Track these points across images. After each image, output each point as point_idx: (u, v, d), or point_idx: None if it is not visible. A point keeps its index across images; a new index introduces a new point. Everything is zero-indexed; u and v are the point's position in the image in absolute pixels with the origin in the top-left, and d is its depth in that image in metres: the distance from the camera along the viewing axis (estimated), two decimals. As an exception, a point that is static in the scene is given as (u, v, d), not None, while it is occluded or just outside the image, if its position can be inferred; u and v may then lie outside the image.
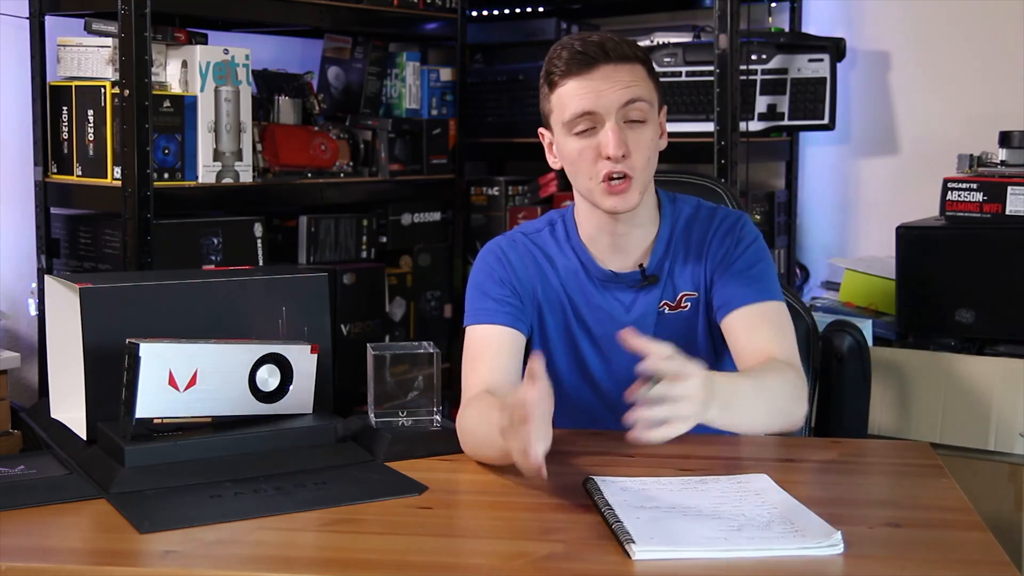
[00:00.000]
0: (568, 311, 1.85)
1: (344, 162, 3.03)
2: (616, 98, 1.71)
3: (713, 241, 1.84)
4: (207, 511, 1.46)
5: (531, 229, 1.92)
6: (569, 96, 1.72)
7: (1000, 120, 2.86)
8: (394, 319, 3.22)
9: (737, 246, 1.83)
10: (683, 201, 1.89)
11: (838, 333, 2.08)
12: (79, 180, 2.61)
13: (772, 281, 1.82)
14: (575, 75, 1.72)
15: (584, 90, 1.71)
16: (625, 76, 1.72)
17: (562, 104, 1.74)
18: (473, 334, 1.82)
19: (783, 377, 1.70)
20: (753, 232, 1.86)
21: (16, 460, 1.66)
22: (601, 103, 1.71)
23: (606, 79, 1.71)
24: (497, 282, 1.84)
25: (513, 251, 1.88)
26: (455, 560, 1.35)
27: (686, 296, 1.84)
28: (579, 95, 1.71)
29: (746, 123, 2.97)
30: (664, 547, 1.31)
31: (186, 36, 2.64)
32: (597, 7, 3.58)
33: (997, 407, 2.56)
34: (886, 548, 1.35)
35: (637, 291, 1.84)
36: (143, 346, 1.58)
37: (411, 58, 3.32)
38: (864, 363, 2.09)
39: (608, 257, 1.84)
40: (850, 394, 2.07)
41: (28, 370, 2.75)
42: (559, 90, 1.74)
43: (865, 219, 3.32)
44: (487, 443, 1.59)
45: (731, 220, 1.86)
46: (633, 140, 1.73)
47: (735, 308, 1.79)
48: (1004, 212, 2.62)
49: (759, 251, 1.84)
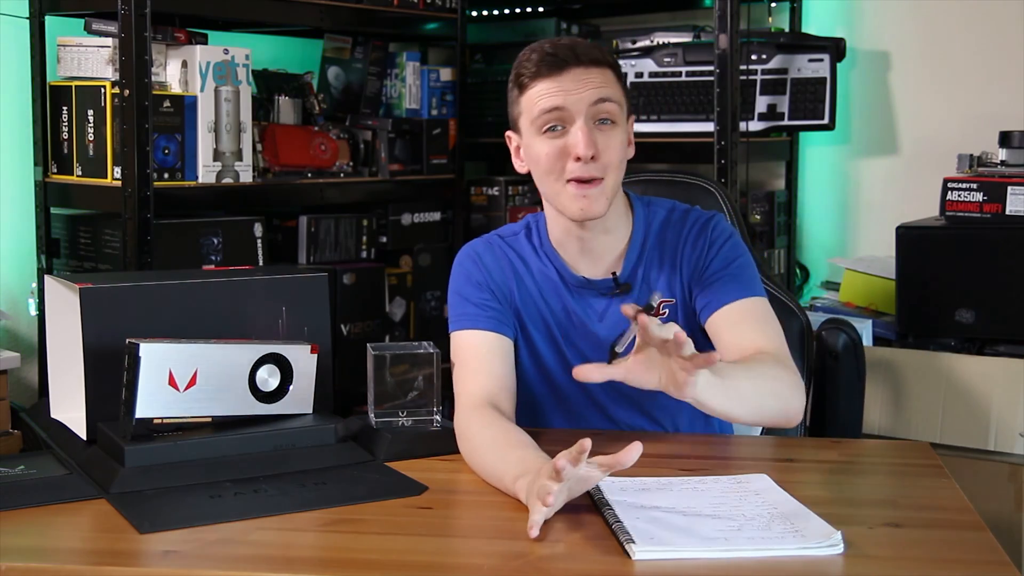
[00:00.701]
0: (547, 316, 1.84)
1: (344, 162, 3.03)
2: (586, 96, 1.70)
3: (686, 246, 1.82)
4: (207, 511, 1.46)
5: (508, 232, 1.91)
6: (538, 95, 1.72)
7: (1000, 120, 2.86)
8: (394, 319, 3.22)
9: (711, 248, 1.81)
10: (657, 205, 1.87)
11: (832, 331, 2.08)
12: (79, 180, 2.61)
13: (751, 277, 1.80)
14: (545, 76, 1.71)
15: (554, 89, 1.71)
16: (595, 78, 1.71)
17: (531, 103, 1.73)
18: (460, 340, 1.81)
19: (773, 366, 1.68)
20: (726, 230, 1.84)
21: (16, 460, 1.66)
22: (570, 100, 1.70)
23: (576, 80, 1.71)
24: (475, 286, 1.83)
25: (489, 254, 1.87)
26: (455, 560, 1.35)
27: (664, 303, 1.82)
28: (548, 93, 1.71)
29: (746, 123, 2.97)
30: (664, 547, 1.31)
31: (186, 36, 2.64)
32: (597, 7, 3.58)
33: (997, 407, 2.56)
34: (886, 548, 1.35)
35: (610, 299, 1.82)
36: (143, 346, 1.58)
37: (411, 58, 3.32)
38: (859, 361, 2.09)
39: (579, 263, 1.83)
40: (845, 392, 2.07)
41: (28, 370, 2.75)
42: (529, 91, 1.74)
43: (865, 219, 3.32)
44: (491, 474, 1.57)
45: (701, 222, 1.84)
46: (603, 141, 1.71)
47: (716, 309, 1.77)
48: (1004, 212, 2.63)
49: (734, 248, 1.82)
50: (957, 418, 2.60)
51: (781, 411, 1.67)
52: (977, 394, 2.59)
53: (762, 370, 1.66)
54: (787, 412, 1.67)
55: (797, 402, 1.68)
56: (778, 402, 1.66)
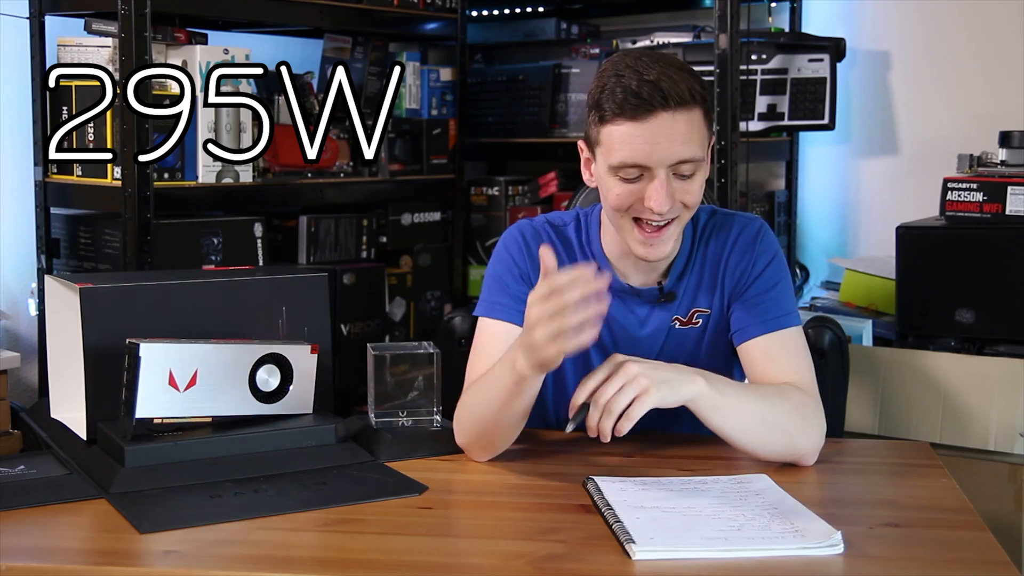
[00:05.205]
0: None
1: (344, 162, 3.03)
2: (670, 155, 1.60)
3: (731, 256, 1.79)
4: (207, 511, 1.46)
5: (559, 221, 1.85)
6: (620, 141, 1.61)
7: (1000, 120, 2.86)
8: (394, 319, 3.22)
9: (755, 264, 1.77)
10: (699, 209, 1.82)
11: (819, 329, 2.09)
12: (79, 180, 2.61)
13: (790, 303, 1.77)
14: (629, 118, 1.60)
15: (637, 139, 1.60)
16: (682, 127, 1.60)
17: (611, 145, 1.63)
18: (486, 327, 1.78)
19: (793, 399, 1.65)
20: (773, 247, 1.79)
21: (16, 460, 1.66)
22: (653, 159, 1.60)
23: (661, 130, 1.59)
24: (516, 278, 1.79)
25: (536, 242, 1.79)
26: (455, 560, 1.35)
27: (698, 312, 1.80)
28: (631, 144, 1.60)
29: (746, 123, 2.97)
30: (664, 547, 1.31)
31: (186, 36, 2.64)
32: (597, 7, 3.58)
33: (997, 407, 2.56)
34: (886, 548, 1.35)
35: (653, 306, 1.80)
36: (143, 346, 1.58)
37: (411, 58, 3.32)
38: (844, 359, 2.09)
39: (628, 274, 1.80)
40: (831, 390, 2.06)
41: (28, 370, 2.75)
42: (609, 127, 1.62)
43: (865, 219, 3.32)
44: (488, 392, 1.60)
45: (750, 234, 1.79)
46: (681, 190, 1.64)
47: (752, 337, 1.74)
48: (1004, 212, 2.62)
49: (779, 269, 1.78)
50: (957, 418, 2.60)
51: (785, 448, 1.63)
52: (977, 394, 2.59)
53: (774, 400, 1.64)
54: (791, 449, 1.64)
55: (807, 440, 1.64)
56: (781, 437, 1.62)
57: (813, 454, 1.66)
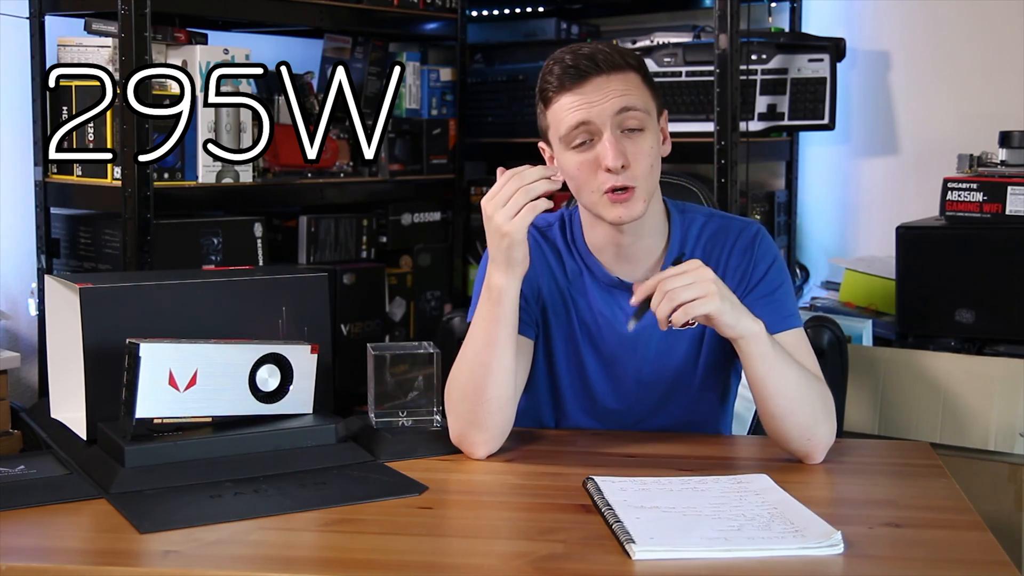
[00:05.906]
0: (572, 313, 1.82)
1: (344, 162, 3.03)
2: (609, 107, 1.68)
3: (731, 258, 1.80)
4: (207, 511, 1.46)
5: (543, 223, 1.88)
6: (563, 110, 1.70)
7: (1000, 120, 2.86)
8: (394, 319, 3.22)
9: (756, 267, 1.79)
10: (693, 211, 1.84)
11: (818, 329, 2.10)
12: (79, 180, 2.61)
13: (791, 304, 1.78)
14: (568, 89, 1.69)
15: (577, 103, 1.69)
16: (618, 85, 1.69)
17: (557, 119, 1.72)
18: None
19: (823, 389, 1.69)
20: (772, 250, 1.81)
21: (16, 460, 1.66)
22: (594, 113, 1.68)
23: (598, 90, 1.68)
24: None
25: None
26: (455, 560, 1.35)
27: None
28: (573, 108, 1.69)
29: (746, 123, 2.97)
30: (664, 547, 1.31)
31: (186, 36, 2.64)
32: (597, 7, 3.58)
33: (997, 407, 2.56)
34: (886, 548, 1.35)
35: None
36: (143, 346, 1.58)
37: (411, 58, 3.32)
38: (843, 359, 2.10)
39: (615, 267, 1.81)
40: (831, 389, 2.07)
41: (28, 370, 2.75)
42: (553, 106, 1.72)
43: (865, 219, 3.32)
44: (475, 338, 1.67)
45: (748, 238, 1.81)
46: (632, 150, 1.69)
47: None
48: (1004, 212, 2.63)
49: (779, 272, 1.79)
50: (957, 418, 2.60)
51: (806, 425, 1.64)
52: (977, 394, 2.59)
53: (814, 382, 1.68)
54: (812, 432, 1.64)
55: (823, 427, 1.66)
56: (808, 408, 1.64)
57: (823, 449, 1.67)
